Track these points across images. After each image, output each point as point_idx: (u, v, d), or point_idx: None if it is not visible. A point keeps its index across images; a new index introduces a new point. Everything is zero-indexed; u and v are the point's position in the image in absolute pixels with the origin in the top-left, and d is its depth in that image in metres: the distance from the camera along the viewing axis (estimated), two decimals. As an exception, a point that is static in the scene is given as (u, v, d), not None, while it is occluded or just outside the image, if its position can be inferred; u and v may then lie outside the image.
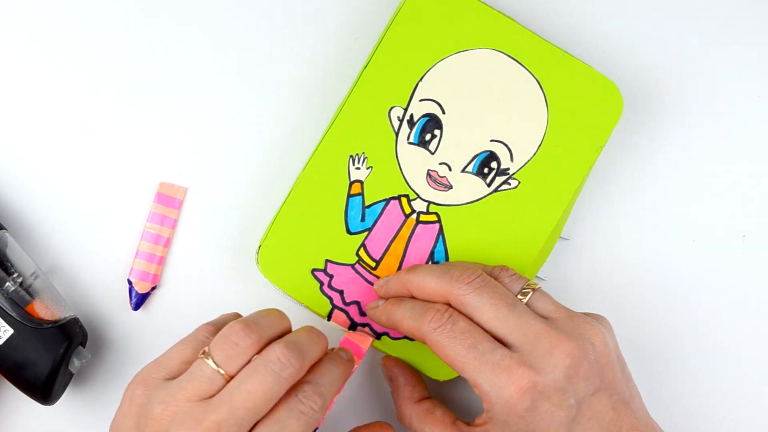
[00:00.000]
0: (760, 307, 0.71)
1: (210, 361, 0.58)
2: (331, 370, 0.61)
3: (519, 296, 0.62)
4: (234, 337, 0.59)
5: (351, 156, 0.67)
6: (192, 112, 0.71)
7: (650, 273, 0.71)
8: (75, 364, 0.66)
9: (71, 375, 0.67)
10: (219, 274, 0.70)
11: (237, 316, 0.64)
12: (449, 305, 0.62)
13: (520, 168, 0.68)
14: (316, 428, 0.65)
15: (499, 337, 0.61)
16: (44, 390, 0.65)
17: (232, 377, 0.58)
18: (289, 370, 0.58)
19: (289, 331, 0.62)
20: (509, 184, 0.68)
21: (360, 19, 0.71)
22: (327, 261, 0.67)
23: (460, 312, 0.61)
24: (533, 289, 0.62)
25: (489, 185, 0.68)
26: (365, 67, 0.68)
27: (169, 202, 0.70)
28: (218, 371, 0.58)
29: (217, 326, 0.62)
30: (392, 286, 0.65)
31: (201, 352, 0.59)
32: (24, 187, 0.70)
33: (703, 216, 0.72)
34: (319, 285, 0.67)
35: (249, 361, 0.59)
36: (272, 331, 0.60)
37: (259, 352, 0.59)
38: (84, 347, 0.67)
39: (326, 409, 0.60)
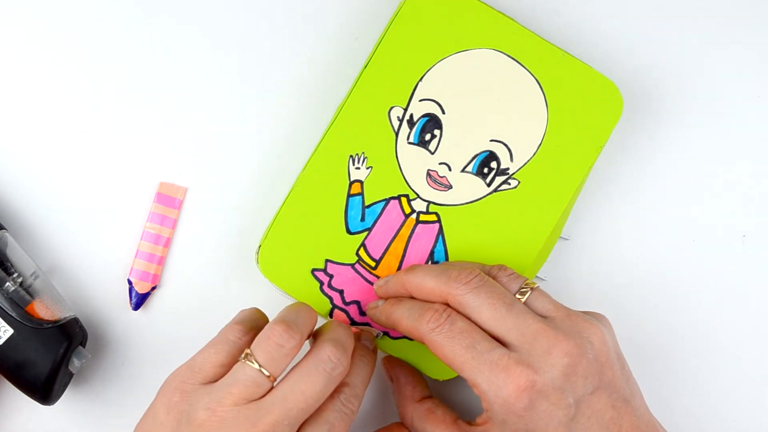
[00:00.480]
0: (760, 307, 0.71)
1: (254, 364, 0.59)
2: (363, 369, 0.63)
3: (517, 295, 0.62)
4: (278, 339, 0.59)
5: (351, 156, 0.67)
6: (192, 112, 0.71)
7: (650, 273, 0.71)
8: (75, 364, 0.66)
9: (71, 375, 0.67)
10: (219, 274, 0.70)
11: (258, 311, 0.64)
12: (448, 305, 0.62)
13: (520, 168, 0.68)
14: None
15: (497, 337, 0.61)
16: (44, 390, 0.65)
17: (275, 378, 0.59)
18: (339, 369, 0.60)
19: (316, 322, 0.62)
20: (509, 184, 0.68)
21: (360, 19, 0.71)
22: (327, 261, 0.67)
23: (458, 312, 0.61)
24: (531, 288, 0.62)
25: (489, 185, 0.68)
26: (365, 67, 0.68)
27: (169, 202, 0.70)
28: (263, 373, 0.58)
29: (245, 325, 0.62)
30: (391, 287, 0.65)
31: (243, 354, 0.59)
32: (24, 187, 0.70)
33: (703, 216, 0.72)
34: (319, 285, 0.67)
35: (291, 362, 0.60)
36: (308, 329, 0.61)
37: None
38: (84, 347, 0.67)
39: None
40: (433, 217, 0.67)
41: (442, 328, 0.61)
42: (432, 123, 0.68)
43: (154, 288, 0.70)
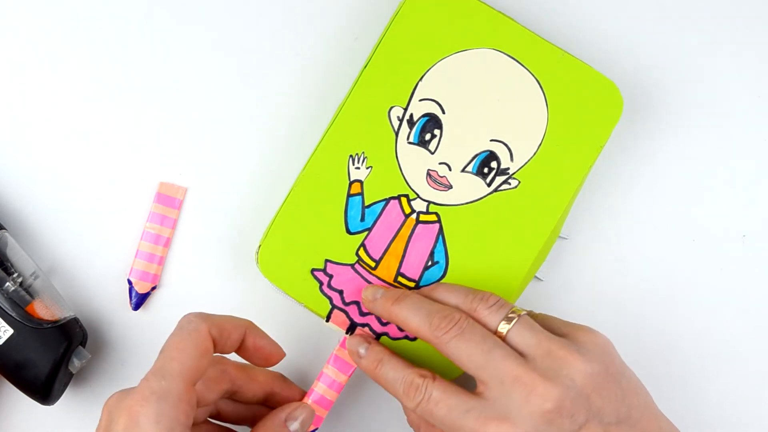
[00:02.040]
0: (760, 307, 0.71)
1: None
2: None
3: (503, 323, 0.62)
4: None
5: (351, 156, 0.67)
6: (192, 112, 0.71)
7: (650, 273, 0.71)
8: (75, 364, 0.66)
9: (71, 375, 0.67)
10: (219, 274, 0.70)
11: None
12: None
13: (520, 168, 0.68)
14: (315, 429, 0.66)
15: (479, 383, 0.61)
16: (44, 390, 0.65)
17: None
18: None
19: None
20: (509, 183, 0.68)
21: (360, 19, 0.71)
22: (327, 261, 0.67)
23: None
24: (519, 316, 0.62)
25: (489, 185, 0.68)
26: (365, 67, 0.68)
27: (169, 202, 0.70)
28: None
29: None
30: (379, 310, 0.65)
31: None
32: (24, 187, 0.70)
33: (703, 216, 0.72)
34: (318, 285, 0.67)
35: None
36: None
37: None
38: (84, 347, 0.67)
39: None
40: (433, 217, 0.67)
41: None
42: (432, 123, 0.68)
43: (154, 288, 0.70)
